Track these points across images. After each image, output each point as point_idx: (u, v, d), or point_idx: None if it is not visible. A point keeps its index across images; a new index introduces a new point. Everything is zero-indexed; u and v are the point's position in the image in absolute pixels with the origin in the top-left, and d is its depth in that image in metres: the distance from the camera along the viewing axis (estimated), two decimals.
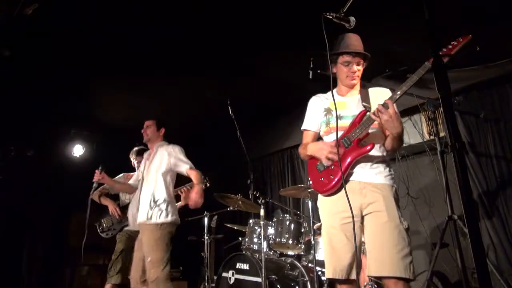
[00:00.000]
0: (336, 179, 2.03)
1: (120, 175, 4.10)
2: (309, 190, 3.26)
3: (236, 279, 3.39)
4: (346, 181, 2.03)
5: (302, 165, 5.27)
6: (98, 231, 4.00)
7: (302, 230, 3.34)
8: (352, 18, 1.96)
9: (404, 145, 4.17)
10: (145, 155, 3.55)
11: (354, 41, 2.18)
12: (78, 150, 5.62)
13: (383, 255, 1.87)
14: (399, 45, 3.51)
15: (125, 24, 3.34)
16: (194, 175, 3.24)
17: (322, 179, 2.11)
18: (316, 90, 2.49)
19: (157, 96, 4.80)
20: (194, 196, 3.13)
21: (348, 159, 2.03)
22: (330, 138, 2.18)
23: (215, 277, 3.65)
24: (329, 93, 2.29)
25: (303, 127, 2.40)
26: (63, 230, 5.66)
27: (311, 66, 3.52)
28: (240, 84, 4.53)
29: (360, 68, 2.20)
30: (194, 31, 3.48)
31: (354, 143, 2.03)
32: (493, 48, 3.41)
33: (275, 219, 3.44)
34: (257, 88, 4.67)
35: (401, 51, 3.60)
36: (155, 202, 3.12)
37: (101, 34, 3.47)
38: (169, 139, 3.57)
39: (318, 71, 3.48)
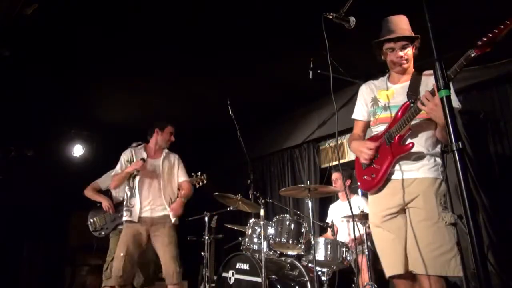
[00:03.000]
0: (377, 178, 2.02)
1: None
2: (309, 190, 3.26)
3: (236, 279, 3.39)
4: (388, 179, 2.01)
5: (302, 165, 5.27)
6: (90, 229, 3.94)
7: (302, 230, 3.34)
8: (352, 18, 1.96)
9: None
10: (142, 151, 3.53)
11: (396, 25, 2.07)
12: (78, 150, 5.61)
13: (418, 253, 1.86)
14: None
15: (125, 24, 3.34)
16: (188, 187, 3.51)
17: (365, 177, 2.12)
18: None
19: (157, 96, 4.80)
20: (177, 208, 3.36)
21: (388, 158, 1.98)
22: (377, 130, 2.14)
23: (215, 277, 3.65)
24: (380, 79, 2.23)
25: (352, 116, 2.33)
26: (63, 230, 5.66)
27: (311, 66, 3.53)
28: (240, 84, 4.53)
29: (407, 51, 2.06)
30: (194, 31, 3.48)
31: (396, 141, 1.97)
32: (493, 48, 3.40)
33: (275, 219, 3.44)
34: (257, 88, 4.67)
35: None
36: (172, 204, 3.39)
37: (101, 34, 3.47)
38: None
39: (318, 71, 3.49)
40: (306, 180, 4.89)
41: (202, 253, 4.15)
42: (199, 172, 3.98)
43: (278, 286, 3.21)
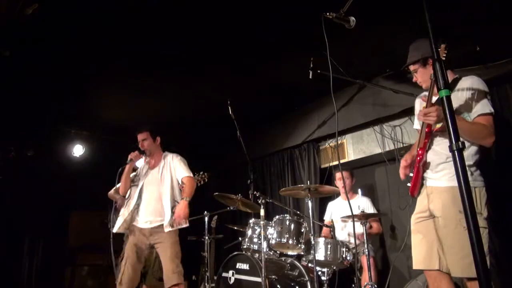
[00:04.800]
0: (412, 185, 2.26)
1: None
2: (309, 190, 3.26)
3: (236, 279, 3.39)
4: (422, 184, 2.24)
5: (302, 165, 5.27)
6: (109, 226, 3.99)
7: (302, 230, 3.34)
8: (352, 18, 1.97)
9: (405, 144, 4.19)
10: (143, 160, 3.55)
11: (409, 53, 2.32)
12: (78, 150, 5.61)
13: (447, 257, 2.04)
14: (399, 45, 3.52)
15: (125, 24, 3.34)
16: (189, 182, 3.30)
17: (407, 184, 2.33)
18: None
19: (157, 96, 4.80)
20: (180, 212, 3.14)
21: (416, 168, 2.21)
22: None
23: (215, 277, 3.65)
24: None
25: (414, 127, 2.56)
26: (63, 230, 5.66)
27: (311, 66, 3.53)
28: (240, 84, 4.53)
29: (418, 73, 2.28)
30: (194, 31, 3.48)
31: (418, 153, 2.19)
32: (493, 48, 3.41)
33: (275, 219, 3.44)
34: (257, 88, 4.67)
35: (401, 51, 3.61)
36: (172, 210, 3.25)
37: (101, 34, 3.47)
38: (170, 139, 3.57)
39: (318, 71, 3.49)
40: (306, 180, 4.89)
41: (202, 253, 4.16)
42: (201, 171, 3.99)
43: (278, 286, 3.22)
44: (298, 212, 4.23)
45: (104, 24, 3.33)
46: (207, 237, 4.02)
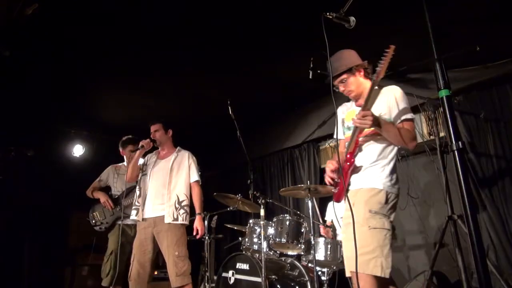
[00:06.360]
0: (339, 191, 2.29)
1: (109, 167, 4.19)
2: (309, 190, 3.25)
3: (236, 279, 3.39)
4: (347, 190, 2.23)
5: (302, 165, 5.27)
6: (91, 224, 3.99)
7: (302, 230, 3.34)
8: (352, 18, 1.98)
9: None
10: (153, 153, 3.61)
11: (332, 65, 2.24)
12: (78, 150, 5.61)
13: (346, 253, 2.10)
14: (399, 45, 3.52)
15: (125, 23, 3.34)
16: (197, 191, 3.45)
17: (333, 190, 2.36)
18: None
19: (157, 96, 4.80)
20: (200, 227, 3.38)
21: (344, 173, 2.23)
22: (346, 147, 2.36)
23: (215, 277, 3.65)
24: (351, 102, 2.43)
25: (334, 136, 2.55)
26: (63, 230, 5.66)
27: (311, 66, 3.52)
28: (240, 84, 4.53)
29: (346, 83, 2.27)
30: (193, 31, 3.48)
31: (347, 158, 2.21)
32: (493, 48, 3.41)
33: (275, 219, 3.44)
34: (257, 88, 4.67)
35: (401, 51, 3.60)
36: (179, 203, 3.32)
37: (101, 34, 3.47)
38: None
39: (318, 71, 3.49)
40: (306, 180, 4.89)
41: (202, 253, 4.15)
42: None
43: (278, 286, 3.22)
44: (298, 212, 4.23)
45: (104, 24, 3.33)
46: (207, 237, 4.01)
